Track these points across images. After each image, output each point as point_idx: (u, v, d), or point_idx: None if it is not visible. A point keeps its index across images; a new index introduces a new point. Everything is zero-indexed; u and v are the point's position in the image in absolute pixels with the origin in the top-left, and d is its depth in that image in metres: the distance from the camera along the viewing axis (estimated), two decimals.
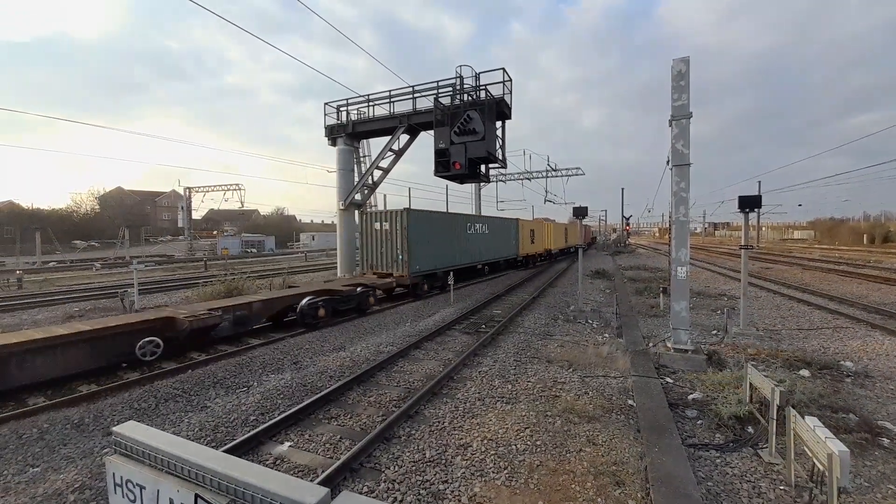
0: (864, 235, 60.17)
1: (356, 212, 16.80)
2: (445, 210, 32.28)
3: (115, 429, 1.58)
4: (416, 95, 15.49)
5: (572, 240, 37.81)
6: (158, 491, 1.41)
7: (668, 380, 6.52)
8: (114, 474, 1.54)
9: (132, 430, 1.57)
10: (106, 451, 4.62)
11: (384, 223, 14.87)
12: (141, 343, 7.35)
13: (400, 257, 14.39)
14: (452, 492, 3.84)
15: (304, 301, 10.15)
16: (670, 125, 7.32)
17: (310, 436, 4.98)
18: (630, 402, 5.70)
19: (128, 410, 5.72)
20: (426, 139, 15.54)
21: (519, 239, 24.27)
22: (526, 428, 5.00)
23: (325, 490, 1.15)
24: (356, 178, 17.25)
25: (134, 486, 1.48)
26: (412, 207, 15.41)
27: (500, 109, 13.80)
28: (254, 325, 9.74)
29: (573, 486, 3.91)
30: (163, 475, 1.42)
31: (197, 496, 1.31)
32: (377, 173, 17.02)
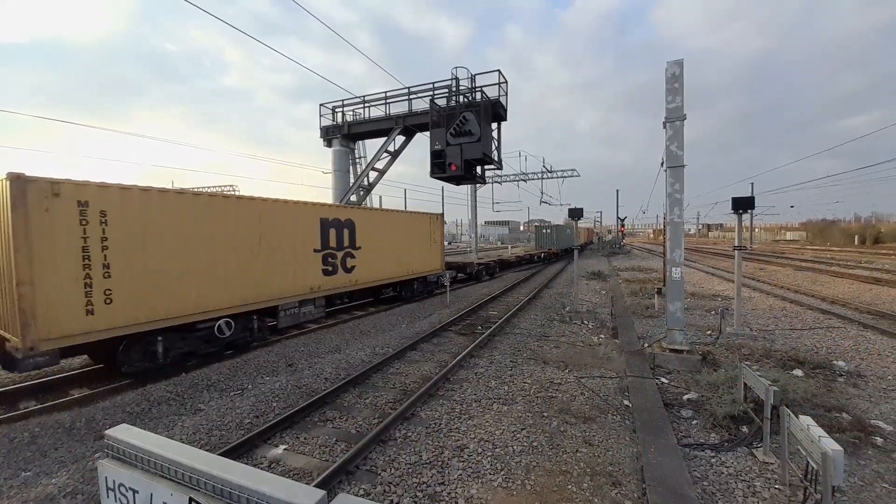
0: (856, 236, 60.88)
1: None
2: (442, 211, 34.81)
3: (107, 432, 1.55)
4: (411, 97, 15.49)
5: (589, 237, 60.67)
6: (152, 495, 1.39)
7: (664, 380, 6.54)
8: (106, 478, 1.51)
9: (124, 433, 1.55)
10: (98, 455, 4.56)
11: (547, 230, 39.23)
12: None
13: (555, 242, 37.23)
14: (449, 493, 3.82)
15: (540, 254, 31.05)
16: (664, 127, 7.37)
17: (305, 439, 4.94)
18: (626, 402, 5.71)
19: (120, 414, 5.65)
20: (422, 140, 15.56)
21: (575, 236, 41.64)
22: (522, 429, 5.00)
23: (321, 492, 1.14)
24: (352, 180, 17.21)
25: (126, 490, 1.46)
26: (560, 224, 39.16)
27: (495, 111, 13.82)
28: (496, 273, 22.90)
29: (569, 486, 3.91)
30: (156, 479, 1.40)
31: (191, 500, 1.29)
32: (373, 174, 16.98)
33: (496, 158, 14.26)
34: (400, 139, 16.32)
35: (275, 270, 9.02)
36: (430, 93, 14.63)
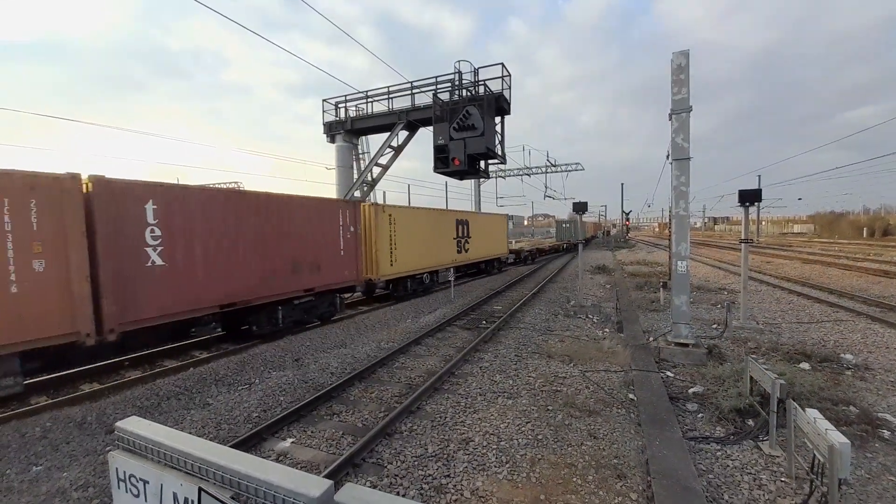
0: (864, 229, 60.14)
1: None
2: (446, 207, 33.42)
3: (117, 424, 1.58)
4: (414, 91, 15.43)
5: (596, 231, 65.43)
6: (162, 485, 1.42)
7: (669, 374, 6.53)
8: (117, 469, 1.54)
9: (135, 425, 1.57)
10: (109, 448, 4.63)
11: (566, 224, 40.10)
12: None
13: (573, 235, 36.22)
14: (455, 486, 3.85)
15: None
16: (670, 119, 7.30)
17: (312, 432, 4.99)
18: (631, 395, 5.71)
19: (130, 408, 5.73)
20: (425, 135, 15.51)
21: (584, 230, 45.30)
22: (527, 422, 5.02)
23: (328, 482, 1.16)
24: (355, 175, 17.22)
25: (137, 481, 1.48)
26: (565, 218, 41.01)
27: (499, 105, 13.75)
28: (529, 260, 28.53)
29: (574, 479, 3.92)
30: (166, 469, 1.43)
31: (201, 490, 1.31)
32: (376, 170, 16.99)
33: (500, 153, 14.20)
34: (403, 134, 16.29)
35: (439, 249, 16.60)
36: (433, 87, 14.56)
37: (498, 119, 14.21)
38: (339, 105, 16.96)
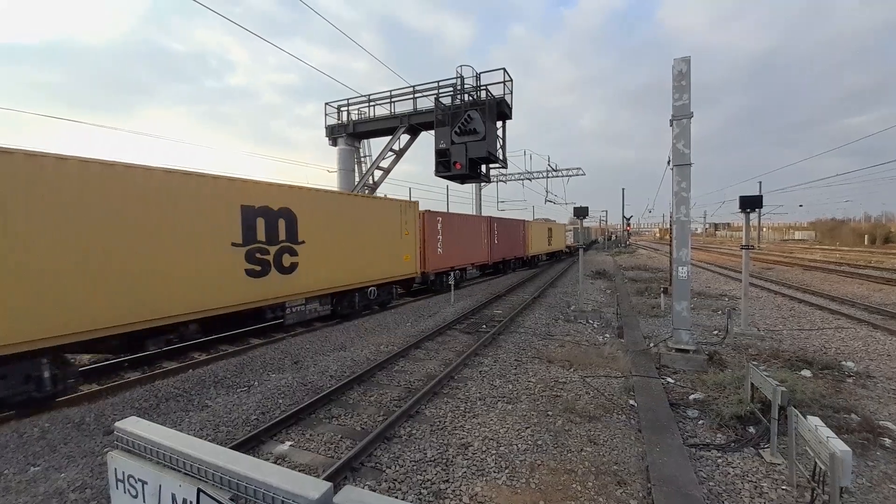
0: (865, 236, 60.10)
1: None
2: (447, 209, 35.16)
3: (116, 424, 1.57)
4: (416, 95, 15.49)
5: (597, 235, 72.40)
6: (160, 486, 1.41)
7: (670, 380, 6.51)
8: (115, 469, 1.53)
9: (134, 425, 1.57)
10: (107, 449, 4.61)
11: (580, 229, 40.50)
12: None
13: (585, 238, 37.82)
14: (454, 491, 3.83)
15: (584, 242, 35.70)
16: (671, 125, 7.32)
17: (310, 435, 4.98)
18: (631, 401, 5.69)
19: (129, 409, 5.72)
20: (427, 139, 15.57)
21: (589, 234, 50.46)
22: (527, 427, 5.00)
23: (328, 484, 1.15)
24: (357, 179, 17.25)
25: (136, 482, 1.48)
26: (587, 226, 54.15)
27: (500, 109, 13.79)
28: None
29: (574, 485, 3.90)
30: (165, 470, 1.42)
31: (199, 490, 1.31)
32: (378, 173, 17.02)
33: (501, 157, 14.23)
34: (405, 138, 16.34)
35: (542, 243, 32.01)
36: (435, 91, 14.62)
37: (499, 124, 14.25)
38: (342, 108, 17.03)
